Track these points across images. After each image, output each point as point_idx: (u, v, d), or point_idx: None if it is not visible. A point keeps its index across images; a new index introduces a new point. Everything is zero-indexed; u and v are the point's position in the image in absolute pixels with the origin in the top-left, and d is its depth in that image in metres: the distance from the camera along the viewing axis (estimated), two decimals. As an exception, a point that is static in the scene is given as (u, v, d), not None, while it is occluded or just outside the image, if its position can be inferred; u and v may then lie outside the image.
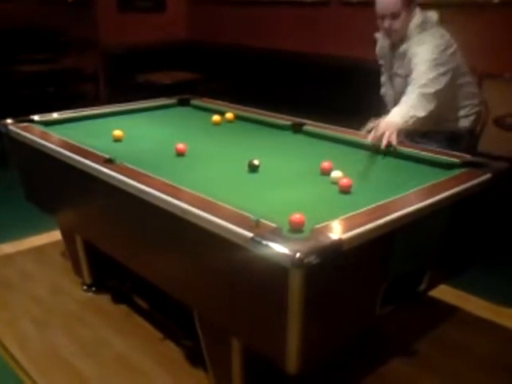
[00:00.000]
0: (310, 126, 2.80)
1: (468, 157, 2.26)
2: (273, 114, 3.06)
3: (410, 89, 2.57)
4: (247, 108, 3.22)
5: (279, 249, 1.47)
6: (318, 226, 1.60)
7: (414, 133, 2.70)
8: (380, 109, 2.96)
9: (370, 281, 1.77)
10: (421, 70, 2.56)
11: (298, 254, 1.44)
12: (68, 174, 2.40)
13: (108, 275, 2.80)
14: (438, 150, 2.40)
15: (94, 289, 2.90)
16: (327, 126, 2.80)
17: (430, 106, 2.51)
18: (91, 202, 2.41)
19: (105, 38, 6.03)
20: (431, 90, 2.52)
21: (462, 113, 2.85)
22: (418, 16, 2.68)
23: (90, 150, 2.34)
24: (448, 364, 2.36)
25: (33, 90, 5.70)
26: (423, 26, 2.67)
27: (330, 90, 4.89)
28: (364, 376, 2.27)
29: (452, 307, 2.77)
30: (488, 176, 2.05)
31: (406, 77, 2.72)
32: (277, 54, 5.55)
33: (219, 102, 3.41)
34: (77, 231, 2.76)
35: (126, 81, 5.85)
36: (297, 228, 1.61)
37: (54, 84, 5.87)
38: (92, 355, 2.40)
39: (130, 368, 2.33)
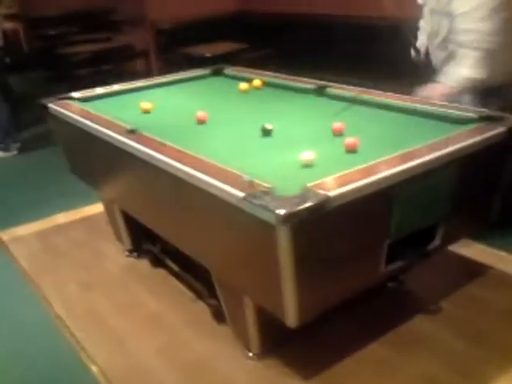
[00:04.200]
0: (332, 88, 2.80)
1: (486, 111, 2.19)
2: (299, 78, 3.07)
3: (461, 50, 2.49)
4: (277, 74, 3.24)
5: (267, 207, 1.53)
6: (310, 183, 1.64)
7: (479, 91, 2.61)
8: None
9: (370, 237, 1.79)
10: (467, 21, 2.45)
11: (282, 212, 1.49)
12: (98, 146, 2.53)
13: (143, 240, 2.95)
14: (456, 105, 2.34)
15: (135, 254, 3.08)
16: (350, 87, 2.78)
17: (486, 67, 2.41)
18: (119, 172, 2.55)
19: (153, 14, 6.18)
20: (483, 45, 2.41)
21: None
22: None
23: (115, 122, 2.47)
24: (473, 322, 2.34)
25: (89, 69, 5.96)
26: None
27: (368, 51, 4.80)
28: (384, 332, 2.30)
29: (485, 266, 2.71)
30: (501, 130, 1.99)
31: (441, 14, 2.63)
32: (319, 19, 5.49)
33: (251, 70, 3.44)
34: (113, 200, 2.92)
35: (176, 55, 5.98)
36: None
37: (109, 62, 6.10)
38: (127, 314, 2.57)
39: (161, 326, 2.48)
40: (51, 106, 2.92)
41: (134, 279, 2.87)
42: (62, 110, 2.81)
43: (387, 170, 1.71)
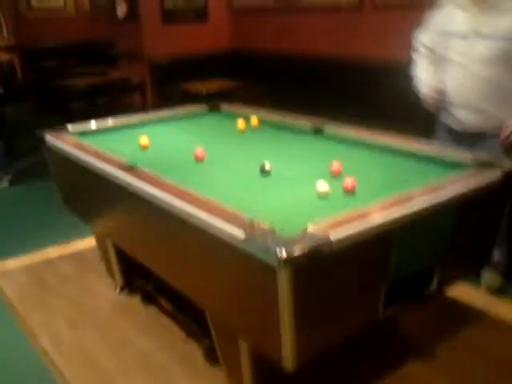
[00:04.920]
0: (331, 128, 2.81)
1: (479, 156, 2.21)
2: (297, 117, 3.08)
3: None
4: (274, 113, 3.26)
5: (267, 249, 1.52)
6: (310, 226, 1.63)
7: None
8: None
9: (368, 280, 1.78)
10: None
11: (284, 254, 1.48)
12: (93, 180, 2.52)
13: (136, 276, 2.91)
14: (449, 149, 2.37)
15: (126, 291, 3.03)
16: (348, 127, 2.80)
17: None
18: (114, 207, 2.53)
19: (151, 50, 6.26)
20: None
21: None
22: None
23: (111, 157, 2.45)
24: (469, 368, 2.31)
25: (84, 102, 5.96)
26: None
27: (367, 92, 4.87)
28: (380, 377, 2.26)
29: (479, 312, 2.70)
30: (496, 176, 2.00)
31: (498, 38, 2.44)
32: (313, 58, 5.59)
33: (248, 108, 3.46)
34: (107, 235, 2.89)
35: (171, 90, 6.03)
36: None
37: (105, 95, 6.11)
38: (117, 353, 2.52)
39: (152, 365, 2.42)
40: (46, 138, 2.91)
41: (124, 316, 2.82)
42: (57, 143, 2.80)
43: (386, 214, 1.71)
